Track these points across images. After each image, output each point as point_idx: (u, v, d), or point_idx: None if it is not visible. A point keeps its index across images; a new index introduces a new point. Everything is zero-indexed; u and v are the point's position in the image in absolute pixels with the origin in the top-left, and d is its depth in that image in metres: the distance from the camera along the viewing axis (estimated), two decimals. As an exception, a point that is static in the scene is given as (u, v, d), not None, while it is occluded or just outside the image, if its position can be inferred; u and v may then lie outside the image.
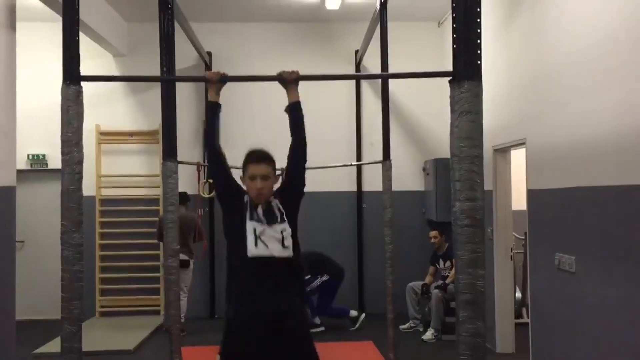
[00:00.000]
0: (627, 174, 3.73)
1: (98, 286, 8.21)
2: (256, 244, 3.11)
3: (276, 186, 3.37)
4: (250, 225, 3.14)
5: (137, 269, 8.23)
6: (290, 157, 3.32)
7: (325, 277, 7.50)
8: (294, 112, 3.30)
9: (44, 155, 8.26)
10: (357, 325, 7.54)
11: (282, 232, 3.16)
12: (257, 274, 3.11)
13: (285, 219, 3.19)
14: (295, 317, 3.14)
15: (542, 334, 5.16)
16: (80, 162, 2.85)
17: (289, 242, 3.16)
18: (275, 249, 3.11)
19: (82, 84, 2.83)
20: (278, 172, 3.39)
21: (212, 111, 3.37)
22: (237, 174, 3.43)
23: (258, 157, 3.28)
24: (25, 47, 7.13)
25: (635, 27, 3.72)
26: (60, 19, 2.86)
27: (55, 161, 8.25)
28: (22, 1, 5.17)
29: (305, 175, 3.41)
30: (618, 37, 3.91)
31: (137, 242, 8.23)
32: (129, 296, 8.22)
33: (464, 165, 2.83)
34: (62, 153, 2.83)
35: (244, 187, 3.30)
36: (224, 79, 3.25)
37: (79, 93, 2.84)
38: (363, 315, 7.68)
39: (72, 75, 2.81)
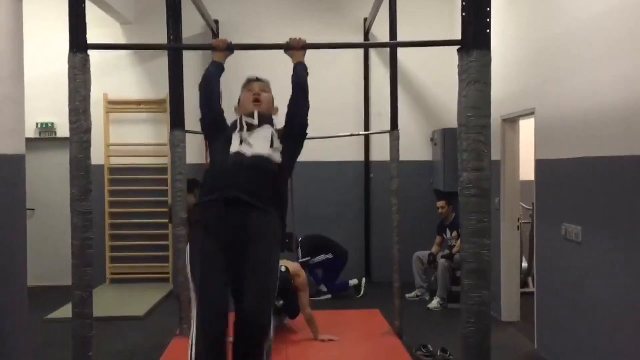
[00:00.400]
0: (635, 144, 3.70)
1: (108, 254, 8.31)
2: (240, 143, 3.16)
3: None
4: (236, 134, 3.20)
5: (146, 237, 8.31)
6: (291, 103, 3.34)
7: (329, 255, 7.59)
8: (298, 67, 3.31)
9: (52, 124, 8.28)
10: (361, 292, 7.63)
11: (271, 135, 3.19)
12: (235, 163, 3.11)
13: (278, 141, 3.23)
14: (260, 208, 3.07)
15: (547, 302, 5.19)
16: (87, 131, 2.87)
17: (278, 145, 3.18)
18: (260, 147, 3.14)
19: (89, 52, 2.83)
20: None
21: (215, 68, 3.35)
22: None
23: (257, 78, 3.40)
24: (33, 15, 7.13)
25: (648, -6, 3.66)
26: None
27: (63, 129, 8.28)
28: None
29: (308, 120, 3.38)
30: (627, 5, 3.84)
31: (146, 211, 8.29)
32: (139, 263, 8.32)
33: (471, 135, 2.83)
34: (70, 122, 2.85)
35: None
36: (230, 47, 3.24)
37: (86, 61, 2.84)
38: (364, 280, 7.78)
39: (78, 43, 2.81)
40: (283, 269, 5.18)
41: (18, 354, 4.64)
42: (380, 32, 7.95)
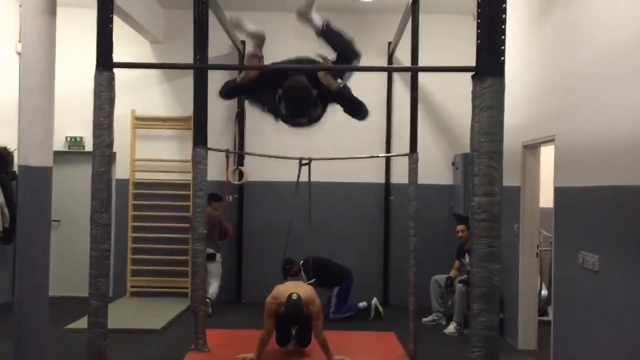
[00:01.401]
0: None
1: (129, 267, 8.44)
2: None
3: None
4: None
5: (167, 251, 8.43)
6: None
7: (336, 290, 7.56)
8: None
9: (81, 138, 8.50)
10: (372, 314, 7.57)
11: None
12: None
13: None
14: None
15: (564, 331, 5.14)
16: (110, 146, 2.98)
17: None
18: None
19: (118, 70, 2.95)
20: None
21: None
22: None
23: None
24: (67, 31, 7.36)
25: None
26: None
27: (92, 144, 8.49)
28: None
29: None
30: (650, 35, 3.85)
31: (168, 226, 8.42)
32: (159, 277, 8.42)
33: (483, 160, 2.86)
34: (94, 136, 2.97)
35: None
36: (260, 71, 3.42)
37: (111, 79, 2.97)
38: (374, 301, 7.66)
39: (105, 62, 2.94)
40: (295, 296, 5.09)
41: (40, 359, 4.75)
42: (404, 55, 7.98)
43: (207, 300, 7.29)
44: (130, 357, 5.67)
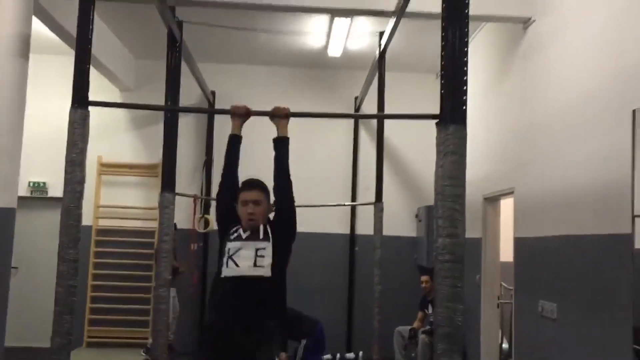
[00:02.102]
0: (607, 223, 3.87)
1: (87, 316, 8.22)
2: (227, 265, 3.22)
3: (271, 216, 3.49)
4: (228, 245, 3.26)
5: (128, 300, 8.26)
6: (275, 189, 3.39)
7: (304, 342, 7.45)
8: (280, 146, 3.39)
9: (44, 183, 8.41)
10: None
11: (257, 251, 3.23)
12: (229, 292, 3.22)
13: (270, 238, 3.27)
14: (261, 334, 3.25)
15: (525, 381, 5.20)
16: (81, 182, 3.00)
17: (265, 261, 3.21)
18: (245, 268, 3.20)
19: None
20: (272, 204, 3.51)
21: (234, 142, 3.45)
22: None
23: (250, 184, 3.41)
24: (30, 76, 7.38)
25: (614, 86, 3.93)
26: (69, 52, 3.06)
27: (55, 189, 8.39)
28: (35, 33, 5.39)
29: (295, 211, 3.43)
30: (599, 94, 4.11)
31: (130, 274, 8.29)
32: (119, 327, 8.22)
33: (447, 203, 2.97)
34: (66, 172, 2.98)
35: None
36: (249, 113, 3.39)
37: (86, 116, 3.02)
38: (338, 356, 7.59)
39: (80, 99, 3.00)
40: None
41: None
42: (370, 109, 8.27)
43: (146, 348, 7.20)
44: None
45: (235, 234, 3.32)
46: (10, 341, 5.03)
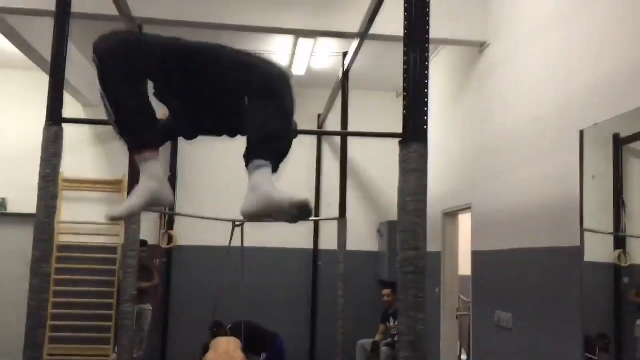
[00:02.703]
0: (555, 237, 4.11)
1: (48, 333, 8.10)
2: None
3: None
4: None
5: (89, 317, 8.18)
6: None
7: (263, 355, 7.46)
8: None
9: (3, 199, 8.29)
10: None
11: None
12: None
13: None
14: None
15: (483, 389, 5.40)
16: (54, 197, 3.06)
17: None
18: None
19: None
20: None
21: None
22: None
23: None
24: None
25: (562, 107, 4.20)
26: (30, 67, 3.12)
27: (15, 205, 8.29)
28: None
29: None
30: (549, 115, 4.38)
31: (91, 290, 8.22)
32: (79, 345, 8.12)
33: (409, 217, 3.13)
34: (39, 188, 3.04)
35: None
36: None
37: (59, 133, 3.09)
38: None
39: (54, 116, 3.07)
40: None
41: None
42: (333, 126, 8.46)
43: None
44: None
45: None
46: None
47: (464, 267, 6.92)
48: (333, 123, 8.03)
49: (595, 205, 3.89)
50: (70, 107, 8.31)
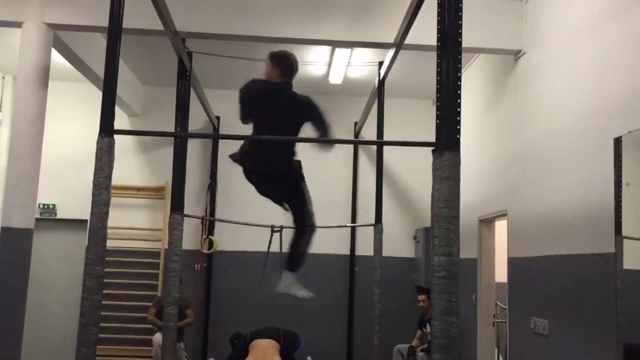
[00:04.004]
0: (594, 244, 4.14)
1: (94, 335, 8.40)
2: None
3: None
4: None
5: (134, 319, 8.46)
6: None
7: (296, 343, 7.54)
8: None
9: (54, 205, 8.65)
10: None
11: None
12: None
13: None
14: None
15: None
16: (107, 204, 3.28)
17: None
18: None
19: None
20: None
21: None
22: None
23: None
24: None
25: (598, 115, 4.24)
26: (80, 79, 3.33)
27: (64, 211, 8.65)
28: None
29: None
30: (586, 123, 4.41)
31: (135, 294, 8.50)
32: (125, 346, 8.41)
33: (442, 224, 3.24)
34: (93, 195, 3.26)
35: None
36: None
37: (112, 144, 3.30)
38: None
39: (107, 128, 3.28)
40: None
41: None
42: (369, 134, 8.57)
43: None
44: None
45: None
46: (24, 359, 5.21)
47: (501, 274, 6.93)
48: (370, 130, 8.15)
49: (632, 212, 3.91)
50: (117, 118, 8.61)
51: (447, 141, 3.31)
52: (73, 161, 8.47)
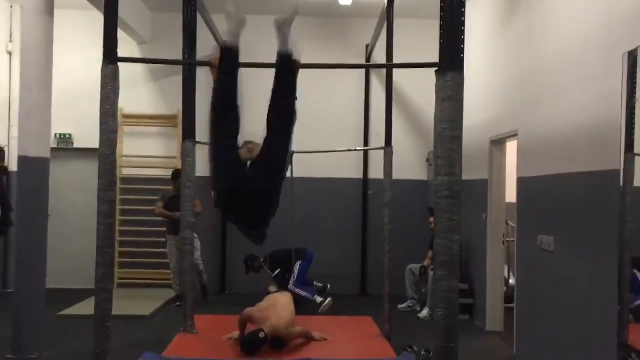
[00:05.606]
0: (597, 161, 4.15)
1: (117, 259, 8.72)
2: None
3: None
4: None
5: (153, 244, 8.74)
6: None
7: (299, 262, 7.68)
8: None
9: (70, 135, 8.79)
10: (320, 310, 7.51)
11: None
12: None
13: None
14: None
15: (525, 309, 5.59)
16: (114, 131, 3.34)
17: None
18: None
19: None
20: None
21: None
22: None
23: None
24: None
25: (607, 30, 4.14)
26: (87, 6, 3.31)
27: (80, 140, 8.79)
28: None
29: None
30: (595, 39, 4.32)
31: (153, 219, 8.73)
32: (145, 269, 8.74)
33: (445, 144, 3.28)
34: (100, 122, 3.32)
35: None
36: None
37: (116, 71, 3.33)
38: (328, 300, 7.62)
39: (111, 56, 3.30)
40: (262, 334, 4.82)
41: (37, 342, 5.07)
42: (381, 56, 8.43)
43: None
44: (122, 340, 5.98)
45: None
46: (48, 283, 5.43)
47: (511, 194, 6.98)
48: (381, 53, 8.02)
49: (640, 129, 3.88)
50: (127, 45, 8.62)
51: (450, 61, 3.29)
52: (86, 91, 8.49)
